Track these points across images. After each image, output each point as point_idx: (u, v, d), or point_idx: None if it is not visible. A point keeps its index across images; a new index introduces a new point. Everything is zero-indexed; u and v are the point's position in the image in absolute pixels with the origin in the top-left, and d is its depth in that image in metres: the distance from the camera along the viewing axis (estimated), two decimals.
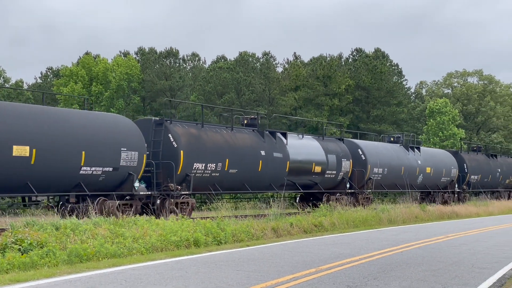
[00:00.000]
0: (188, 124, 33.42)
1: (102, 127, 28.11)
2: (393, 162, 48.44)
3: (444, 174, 55.75)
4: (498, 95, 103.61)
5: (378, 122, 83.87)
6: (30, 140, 24.48)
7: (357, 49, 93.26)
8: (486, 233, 29.05)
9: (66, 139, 26.01)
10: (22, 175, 24.44)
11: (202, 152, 32.14)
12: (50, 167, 25.27)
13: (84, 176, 26.69)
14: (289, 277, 14.81)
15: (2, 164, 23.64)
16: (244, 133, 36.17)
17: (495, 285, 14.70)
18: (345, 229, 30.12)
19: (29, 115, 25.42)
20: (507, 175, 67.16)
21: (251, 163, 35.20)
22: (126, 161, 28.24)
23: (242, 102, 76.86)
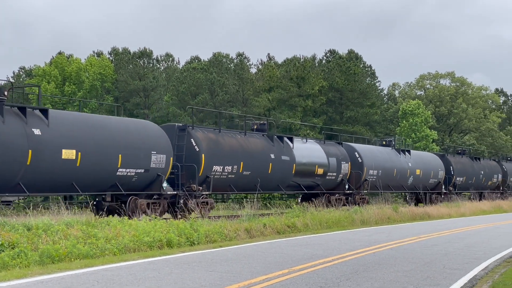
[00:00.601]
0: (207, 130, 36.36)
1: (135, 132, 30.96)
2: (387, 165, 51.32)
3: (432, 175, 58.58)
4: (470, 97, 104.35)
5: (351, 123, 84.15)
6: (77, 144, 27.20)
7: (331, 50, 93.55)
8: (458, 234, 29.23)
9: (106, 144, 28.78)
10: (68, 176, 27.11)
11: (220, 155, 34.96)
12: (92, 169, 27.95)
13: (120, 177, 29.40)
14: (262, 277, 14.81)
15: (52, 166, 26.27)
16: (255, 137, 38.99)
17: (466, 286, 14.79)
18: (318, 230, 30.16)
19: (76, 121, 28.33)
20: (489, 177, 69.82)
21: (262, 166, 38.01)
22: (155, 163, 31.03)
23: (215, 102, 76.83)
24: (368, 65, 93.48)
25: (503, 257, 20.50)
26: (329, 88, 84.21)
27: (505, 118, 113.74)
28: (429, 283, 14.75)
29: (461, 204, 52.53)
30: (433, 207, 47.40)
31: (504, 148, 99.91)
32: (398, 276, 15.68)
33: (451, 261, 18.83)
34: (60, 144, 26.54)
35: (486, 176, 69.04)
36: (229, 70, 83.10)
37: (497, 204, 58.64)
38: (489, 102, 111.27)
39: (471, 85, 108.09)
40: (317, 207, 35.69)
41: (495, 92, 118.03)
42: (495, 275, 16.54)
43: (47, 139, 26.09)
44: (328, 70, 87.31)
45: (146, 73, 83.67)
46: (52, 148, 26.22)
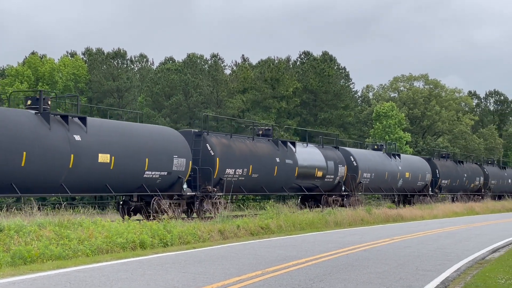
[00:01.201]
0: (220, 135, 39.42)
1: (159, 138, 33.66)
2: (379, 168, 54.20)
3: (420, 178, 61.36)
4: (443, 99, 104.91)
5: (325, 125, 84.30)
6: (111, 149, 29.75)
7: (305, 52, 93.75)
8: (431, 236, 29.37)
9: (135, 148, 31.43)
10: (103, 178, 29.66)
11: (232, 159, 37.63)
12: (123, 171, 30.57)
13: (146, 179, 32.02)
14: (235, 279, 14.80)
15: (90, 169, 28.76)
16: (262, 142, 41.71)
17: (438, 287, 14.87)
18: (292, 231, 30.21)
19: (109, 128, 31.18)
20: (472, 180, 72.65)
21: (268, 169, 40.70)
22: (177, 166, 33.57)
23: (189, 104, 76.69)
24: (342, 67, 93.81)
25: (475, 259, 20.63)
26: (303, 89, 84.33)
27: (478, 120, 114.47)
28: (402, 285, 14.80)
29: (434, 206, 52.83)
30: (406, 209, 47.63)
31: (477, 151, 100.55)
32: (371, 277, 15.72)
33: (424, 263, 18.91)
34: (97, 149, 29.09)
35: (469, 178, 71.81)
36: (203, 71, 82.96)
37: (469, 206, 59.02)
38: (462, 104, 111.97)
39: (445, 87, 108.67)
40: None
41: (468, 94, 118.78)
42: (467, 277, 16.63)
43: (85, 145, 28.64)
44: (302, 72, 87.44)
45: (120, 73, 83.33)
46: (90, 152, 28.75)
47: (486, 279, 16.03)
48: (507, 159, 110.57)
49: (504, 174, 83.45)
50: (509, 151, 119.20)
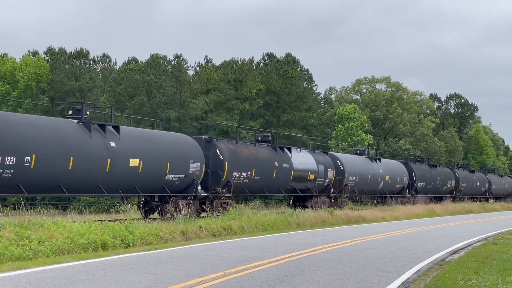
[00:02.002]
0: (227, 141, 42.93)
1: (178, 144, 37.27)
2: (363, 171, 58.22)
3: (398, 181, 65.33)
4: (405, 102, 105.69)
5: (288, 126, 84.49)
6: (139, 154, 33.32)
7: (268, 53, 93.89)
8: (392, 238, 29.56)
9: (159, 154, 34.97)
10: (132, 180, 33.22)
11: (238, 163, 41.19)
12: (149, 174, 34.09)
13: (167, 181, 35.68)
14: (197, 280, 14.79)
15: (123, 172, 32.32)
16: (262, 148, 45.33)
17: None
18: (254, 232, 30.24)
19: (137, 135, 34.71)
20: (444, 183, 77.25)
21: (268, 172, 44.28)
22: (192, 170, 37.21)
23: (152, 104, 76.46)
24: (306, 69, 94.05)
25: (435, 260, 20.82)
26: (266, 91, 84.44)
27: (439, 123, 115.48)
28: (363, 286, 14.90)
29: (395, 208, 53.22)
30: (368, 211, 47.93)
31: (438, 153, 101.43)
32: (333, 278, 15.80)
33: (385, 264, 19.04)
34: (128, 154, 32.69)
35: (442, 181, 76.25)
36: (166, 72, 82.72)
37: (430, 208, 59.54)
38: (424, 107, 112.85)
39: (406, 90, 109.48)
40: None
41: (429, 97, 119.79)
42: (428, 278, 16.78)
43: (119, 151, 32.15)
44: (265, 73, 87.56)
45: (82, 73, 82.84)
46: (123, 157, 32.31)
47: (446, 280, 16.19)
48: (467, 161, 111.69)
49: (473, 178, 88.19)
50: (469, 154, 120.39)
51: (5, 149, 26.50)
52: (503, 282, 16.01)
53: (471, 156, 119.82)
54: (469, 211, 67.36)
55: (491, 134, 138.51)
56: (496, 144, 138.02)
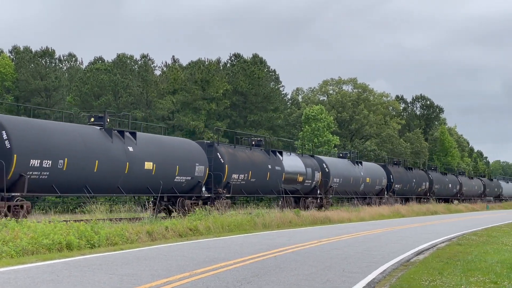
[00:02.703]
0: (226, 146, 46.36)
1: (185, 148, 40.77)
2: (346, 174, 61.76)
3: (377, 183, 68.81)
4: (371, 103, 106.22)
5: (255, 127, 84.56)
6: (153, 158, 36.62)
7: (235, 54, 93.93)
8: (357, 238, 29.69)
9: (169, 157, 38.37)
10: (147, 181, 36.36)
11: (237, 166, 44.40)
12: (161, 176, 37.12)
13: (176, 183, 38.97)
14: (163, 281, 14.75)
15: (139, 174, 35.53)
16: (257, 151, 48.54)
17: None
18: (220, 233, 30.22)
19: (151, 140, 38.14)
20: (419, 184, 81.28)
21: (263, 174, 47.50)
22: (198, 172, 40.52)
23: (119, 104, 76.15)
24: (272, 69, 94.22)
25: (401, 261, 20.94)
26: (233, 91, 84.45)
27: (405, 124, 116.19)
28: (329, 286, 14.94)
29: (361, 209, 53.47)
30: (334, 212, 48.14)
31: (403, 154, 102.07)
32: (299, 279, 15.83)
33: (351, 265, 19.12)
34: (144, 158, 35.98)
35: (417, 183, 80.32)
36: (133, 72, 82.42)
37: (395, 209, 59.91)
38: (390, 108, 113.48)
39: (373, 91, 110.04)
40: (218, 211, 36.06)
41: (395, 99, 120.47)
42: (393, 279, 16.87)
43: (136, 155, 35.45)
44: (232, 73, 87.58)
45: (48, 72, 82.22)
46: (139, 161, 35.58)
47: (411, 281, 16.29)
48: (432, 162, 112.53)
49: (445, 180, 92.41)
50: (434, 155, 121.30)
51: (43, 153, 29.68)
52: (467, 282, 16.15)
53: (436, 157, 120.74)
54: (434, 212, 67.86)
55: (456, 136, 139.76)
56: (461, 146, 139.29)
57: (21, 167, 28.66)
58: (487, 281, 16.60)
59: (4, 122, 28.72)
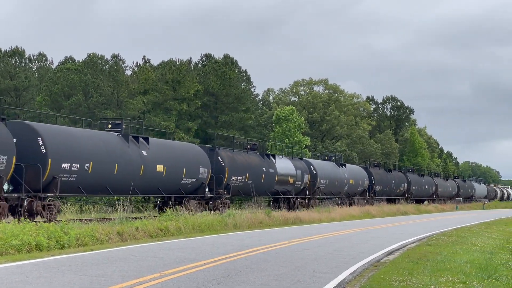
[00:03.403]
0: (226, 150, 49.32)
1: (191, 152, 44.27)
2: (332, 175, 65.43)
3: (360, 184, 72.53)
4: (342, 104, 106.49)
5: (226, 127, 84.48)
6: (163, 161, 40.15)
7: (207, 54, 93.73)
8: (328, 239, 29.78)
9: (178, 161, 41.75)
10: (158, 183, 39.82)
11: (236, 168, 47.87)
12: (170, 178, 40.76)
13: (182, 184, 42.45)
14: (133, 281, 14.72)
15: (151, 176, 38.89)
16: (252, 155, 52.25)
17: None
18: (191, 233, 30.18)
19: (161, 145, 42.10)
20: (398, 186, 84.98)
21: (258, 176, 50.88)
22: (201, 174, 43.93)
23: (89, 104, 75.74)
24: (244, 70, 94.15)
25: (371, 261, 21.04)
26: (204, 92, 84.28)
27: (375, 125, 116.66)
28: (299, 287, 14.98)
29: (332, 210, 53.65)
30: (305, 212, 48.28)
31: (374, 155, 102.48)
32: (269, 280, 15.86)
33: (321, 265, 19.18)
34: (156, 161, 39.40)
35: (396, 185, 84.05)
36: (103, 72, 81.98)
37: (366, 209, 60.18)
38: (361, 109, 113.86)
39: (344, 92, 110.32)
40: (189, 212, 36.06)
41: (366, 100, 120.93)
42: (363, 279, 16.95)
43: (149, 158, 38.93)
44: (203, 74, 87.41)
45: (17, 72, 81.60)
46: (152, 164, 38.99)
47: (381, 281, 16.38)
48: (402, 163, 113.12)
49: (422, 181, 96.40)
50: (404, 156, 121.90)
51: (72, 157, 32.92)
52: (437, 282, 16.26)
53: (407, 158, 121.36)
54: (404, 213, 68.25)
55: (426, 137, 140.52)
56: (430, 147, 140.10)
57: (54, 170, 31.81)
58: (456, 281, 16.74)
59: (39, 129, 31.98)
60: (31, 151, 31.19)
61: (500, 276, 18.44)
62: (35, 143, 31.41)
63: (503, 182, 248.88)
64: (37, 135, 31.52)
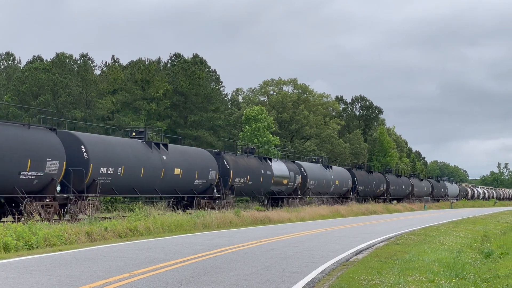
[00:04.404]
0: (230, 154, 54.39)
1: (201, 156, 48.81)
2: (320, 177, 70.59)
3: (344, 185, 78.13)
4: (311, 104, 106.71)
5: (196, 127, 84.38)
6: (180, 165, 44.96)
7: (176, 54, 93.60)
8: (297, 238, 29.83)
9: (191, 164, 46.43)
10: (175, 184, 44.60)
11: (239, 171, 53.01)
12: (185, 180, 45.59)
13: (195, 185, 47.16)
14: (102, 282, 14.66)
15: (170, 178, 43.56)
16: (252, 158, 57.27)
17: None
18: (160, 233, 30.10)
19: (178, 150, 46.61)
20: (378, 186, 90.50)
21: (257, 178, 55.96)
22: (211, 176, 48.65)
23: (58, 104, 75.29)
24: (213, 69, 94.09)
25: (340, 261, 21.11)
26: (173, 92, 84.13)
27: (344, 125, 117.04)
28: (269, 287, 15.00)
29: (301, 209, 53.76)
30: (274, 212, 48.31)
31: (343, 155, 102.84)
32: (239, 279, 15.86)
33: (290, 265, 19.21)
34: (174, 165, 44.12)
35: (376, 185, 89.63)
36: (72, 71, 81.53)
37: (335, 209, 60.34)
38: (330, 109, 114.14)
39: (313, 92, 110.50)
40: (158, 212, 36.01)
41: (335, 99, 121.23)
42: (332, 278, 17.01)
43: (169, 162, 43.65)
44: (173, 74, 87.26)
45: None
46: (171, 167, 43.70)
47: (350, 280, 16.45)
48: (371, 163, 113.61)
49: (400, 181, 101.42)
50: (373, 156, 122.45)
51: (108, 162, 37.54)
52: (405, 281, 16.36)
53: (375, 158, 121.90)
54: (373, 212, 68.54)
55: (395, 136, 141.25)
56: (399, 146, 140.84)
57: (94, 173, 36.37)
58: (424, 280, 16.85)
59: (82, 138, 36.75)
60: (75, 157, 35.58)
61: (467, 275, 18.60)
62: (79, 150, 36.00)
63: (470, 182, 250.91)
64: (80, 143, 36.25)
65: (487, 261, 23.97)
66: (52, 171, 33.13)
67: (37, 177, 32.39)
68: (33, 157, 32.02)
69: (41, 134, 33.59)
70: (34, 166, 32.03)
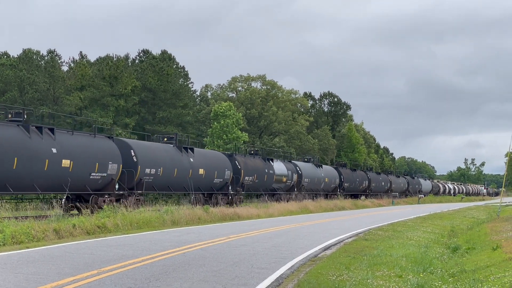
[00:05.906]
0: (240, 155, 60.56)
1: (219, 158, 54.97)
2: (312, 175, 76.58)
3: (333, 182, 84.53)
4: (280, 100, 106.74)
5: (164, 123, 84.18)
6: (203, 166, 50.48)
7: (144, 50, 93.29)
8: (266, 234, 29.87)
9: (212, 165, 52.35)
10: (199, 183, 49.98)
11: (248, 170, 58.85)
12: (207, 179, 51.48)
13: (214, 183, 52.91)
14: (69, 279, 14.59)
15: (195, 177, 48.84)
16: (257, 159, 63.46)
17: (273, 284, 15.19)
18: (129, 230, 29.98)
19: (202, 153, 52.74)
20: (361, 183, 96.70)
21: (262, 176, 62.13)
22: (227, 175, 54.57)
23: (25, 100, 74.77)
24: (181, 66, 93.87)
25: (308, 257, 21.18)
26: (142, 88, 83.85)
27: (313, 121, 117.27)
28: (238, 283, 15.02)
29: (270, 205, 53.81)
30: (243, 208, 48.38)
31: (311, 151, 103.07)
32: (207, 276, 15.86)
33: (259, 261, 19.24)
34: (199, 166, 49.91)
35: (360, 182, 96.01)
36: (39, 67, 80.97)
37: (303, 205, 60.53)
38: (298, 105, 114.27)
39: (281, 88, 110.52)
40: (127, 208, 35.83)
41: (304, 96, 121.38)
42: (301, 274, 17.06)
43: (195, 163, 49.49)
44: (141, 70, 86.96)
45: None
46: (196, 168, 49.51)
47: (319, 275, 16.51)
48: (340, 159, 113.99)
49: (379, 178, 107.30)
50: (341, 151, 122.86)
51: (151, 164, 43.60)
52: (373, 276, 16.45)
53: (344, 154, 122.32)
54: (342, 208, 68.83)
55: (363, 132, 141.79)
56: (367, 142, 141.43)
57: (141, 173, 42.60)
58: (392, 275, 16.96)
59: (131, 144, 43.09)
60: (127, 160, 41.45)
61: (435, 270, 18.76)
62: (129, 154, 41.97)
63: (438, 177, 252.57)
64: (130, 148, 42.38)
65: (454, 256, 24.18)
66: (112, 172, 39.88)
67: (102, 177, 39.09)
68: (99, 161, 38.70)
69: (103, 141, 40.61)
70: (100, 168, 38.70)
